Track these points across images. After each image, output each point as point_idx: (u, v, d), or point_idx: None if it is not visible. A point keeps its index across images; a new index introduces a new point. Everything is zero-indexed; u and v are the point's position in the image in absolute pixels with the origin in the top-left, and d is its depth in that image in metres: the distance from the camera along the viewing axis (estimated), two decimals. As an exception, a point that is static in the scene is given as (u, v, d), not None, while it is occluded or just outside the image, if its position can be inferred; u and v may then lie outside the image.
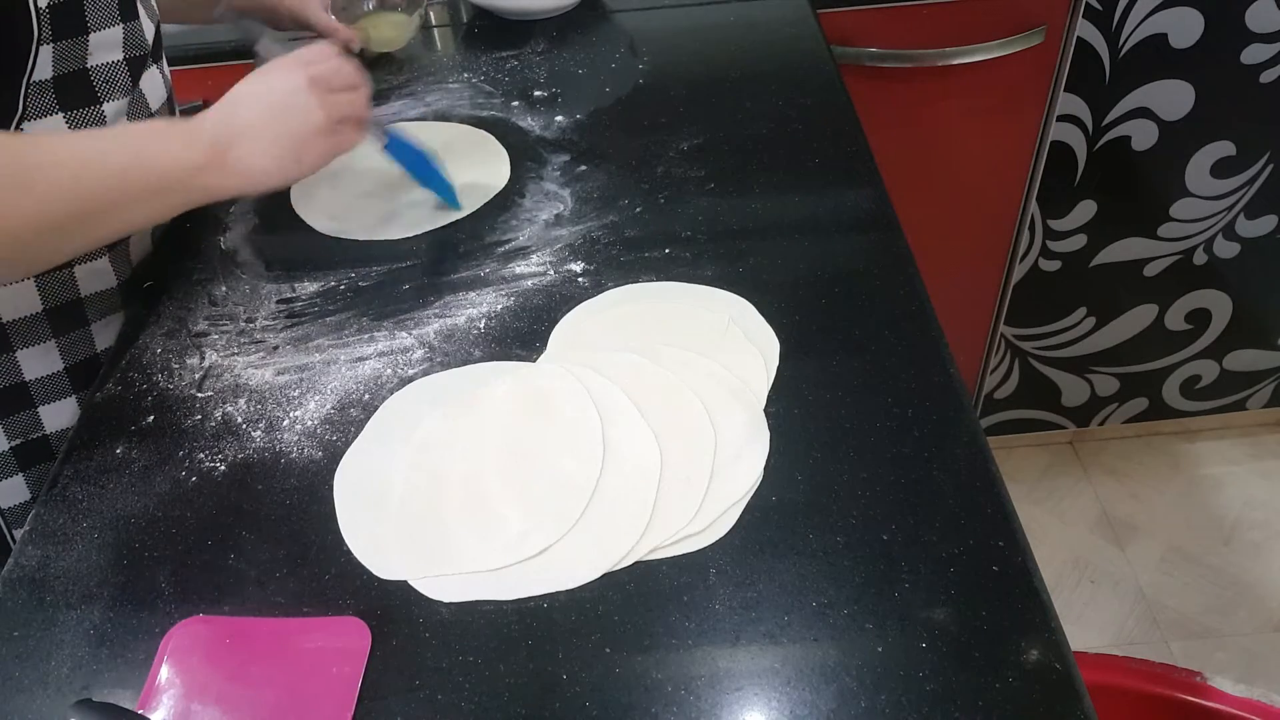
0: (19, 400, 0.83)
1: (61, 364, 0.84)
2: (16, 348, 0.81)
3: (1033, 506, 1.84)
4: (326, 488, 0.68)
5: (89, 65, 0.76)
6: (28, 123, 0.74)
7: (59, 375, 0.84)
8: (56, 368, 0.83)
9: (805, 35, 1.13)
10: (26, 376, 0.82)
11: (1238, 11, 1.31)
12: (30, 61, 0.71)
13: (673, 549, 0.62)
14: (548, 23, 1.20)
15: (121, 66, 0.79)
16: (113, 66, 0.78)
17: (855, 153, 0.93)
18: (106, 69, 0.77)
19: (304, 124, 0.75)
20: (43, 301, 0.81)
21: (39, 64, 0.72)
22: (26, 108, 0.73)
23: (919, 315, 0.76)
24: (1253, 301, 1.64)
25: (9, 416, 0.83)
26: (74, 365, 0.84)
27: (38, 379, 0.83)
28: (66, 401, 0.85)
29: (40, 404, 0.84)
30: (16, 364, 0.81)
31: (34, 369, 0.82)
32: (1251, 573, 1.71)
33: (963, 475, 0.65)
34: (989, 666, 0.55)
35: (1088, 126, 1.41)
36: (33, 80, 0.73)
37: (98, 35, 0.75)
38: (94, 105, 0.78)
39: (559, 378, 0.73)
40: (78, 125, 0.77)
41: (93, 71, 0.77)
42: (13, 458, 0.84)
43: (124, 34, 0.78)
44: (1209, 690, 0.95)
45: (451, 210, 0.91)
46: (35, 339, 0.81)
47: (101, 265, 0.84)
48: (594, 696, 0.55)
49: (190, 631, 0.60)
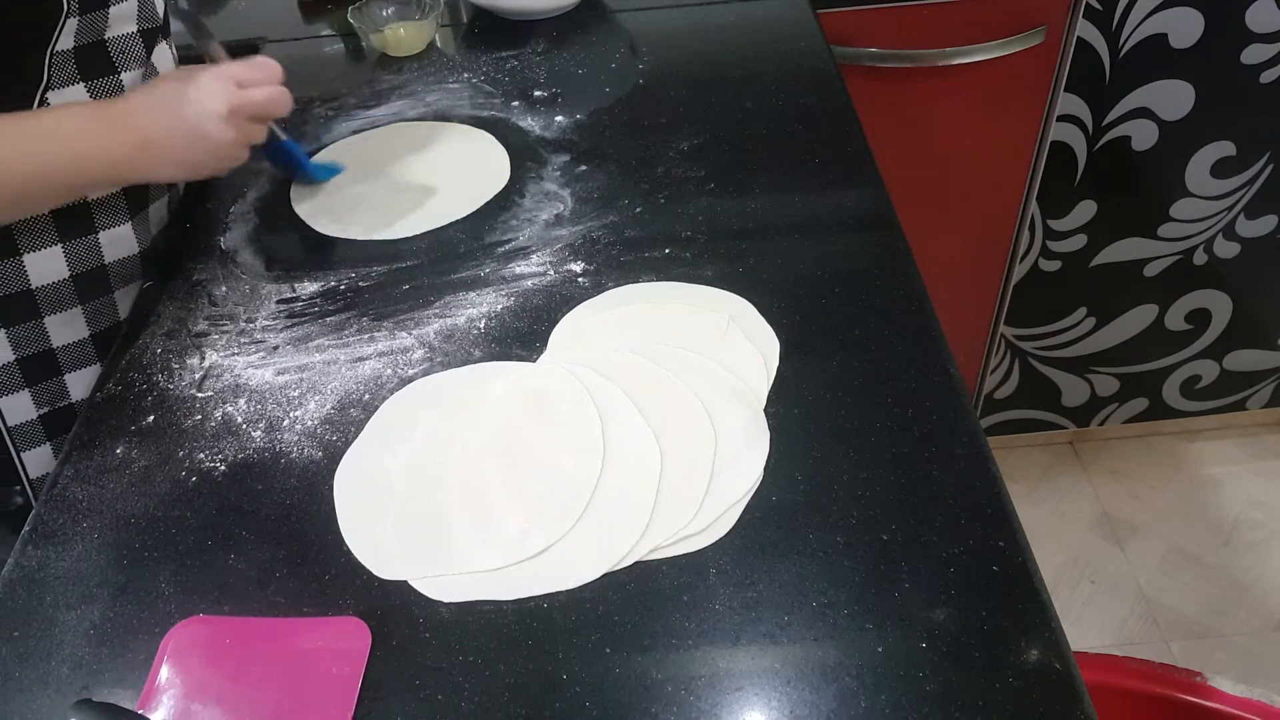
0: (47, 368, 0.86)
1: (88, 331, 0.87)
2: (45, 314, 0.84)
3: (1033, 506, 1.84)
4: (326, 488, 0.68)
5: (107, 37, 0.80)
6: (52, 92, 0.78)
7: (85, 342, 0.87)
8: (83, 334, 0.86)
9: (805, 35, 1.13)
10: (54, 344, 0.85)
11: (1238, 11, 1.30)
12: (56, 33, 0.75)
13: (673, 549, 0.62)
14: (548, 23, 1.20)
15: (136, 38, 0.83)
16: (129, 38, 0.82)
17: (855, 153, 0.93)
18: (123, 40, 0.81)
19: (212, 151, 0.80)
20: (70, 268, 0.84)
21: (63, 35, 0.76)
22: (51, 77, 0.77)
23: (919, 315, 0.76)
24: (1253, 301, 1.64)
25: (37, 384, 0.85)
26: (99, 333, 0.87)
27: (65, 345, 0.86)
28: (92, 369, 0.87)
29: (67, 372, 0.87)
30: (45, 331, 0.84)
31: (61, 336, 0.85)
32: (1251, 573, 1.71)
33: (963, 475, 0.65)
34: (989, 666, 0.55)
35: (1088, 126, 1.41)
36: (56, 50, 0.76)
37: (117, 8, 0.80)
38: (112, 75, 0.82)
39: (559, 378, 0.73)
40: (97, 94, 0.81)
41: (110, 43, 0.81)
42: (41, 426, 0.87)
43: (139, 7, 0.82)
44: (1209, 690, 0.95)
45: (452, 210, 0.91)
46: (63, 305, 0.85)
47: (125, 231, 0.87)
48: (594, 696, 0.55)
49: (190, 631, 0.60)
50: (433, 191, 0.95)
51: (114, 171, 0.79)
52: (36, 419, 0.86)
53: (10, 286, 0.81)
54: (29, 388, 0.85)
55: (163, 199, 0.92)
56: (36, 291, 0.82)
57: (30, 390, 0.85)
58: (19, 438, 0.87)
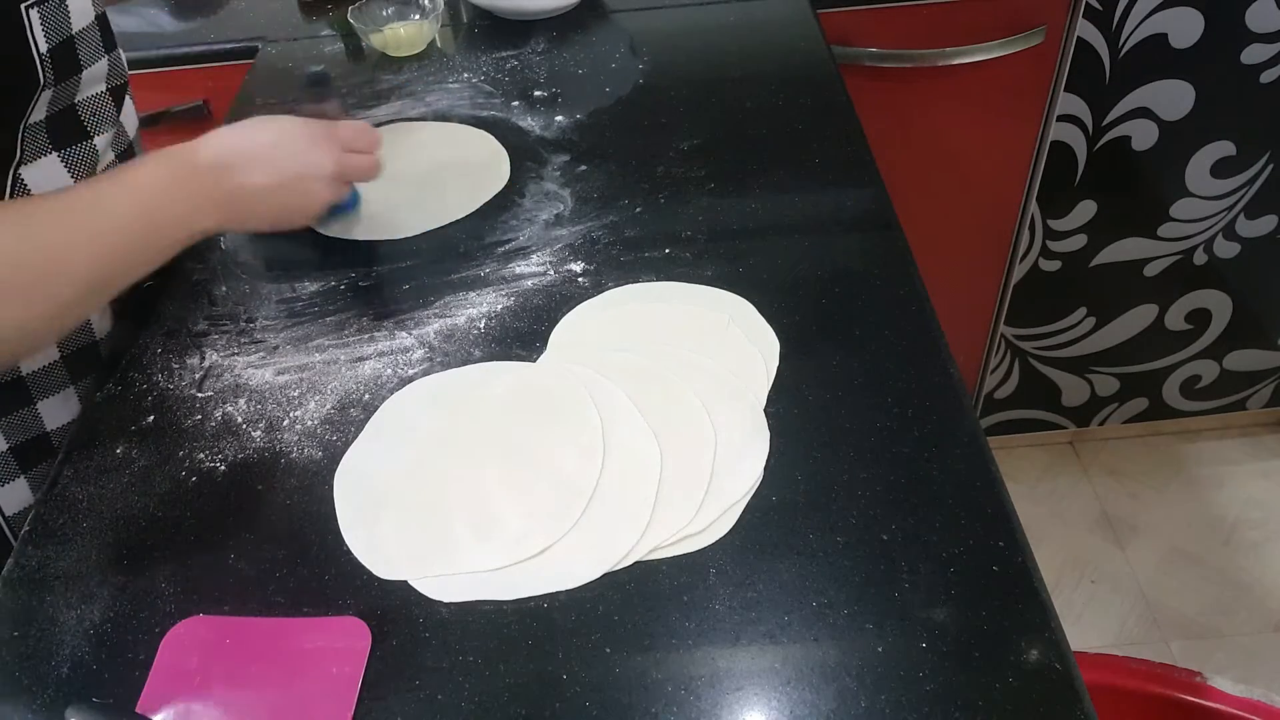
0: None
1: (58, 354, 0.82)
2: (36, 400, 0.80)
3: (1033, 506, 1.84)
4: (326, 488, 0.68)
5: (77, 100, 0.76)
6: (24, 167, 0.74)
7: (56, 365, 0.83)
8: (53, 357, 0.82)
9: (805, 35, 1.13)
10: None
11: (1238, 11, 1.31)
12: (30, 106, 0.71)
13: (673, 549, 0.62)
14: (548, 23, 1.20)
15: (106, 98, 0.79)
16: (98, 99, 0.78)
17: (855, 153, 0.93)
18: (93, 101, 0.78)
19: (304, 209, 0.80)
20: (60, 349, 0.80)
21: (36, 107, 0.72)
22: (24, 151, 0.73)
23: (919, 315, 0.76)
24: (1253, 301, 1.64)
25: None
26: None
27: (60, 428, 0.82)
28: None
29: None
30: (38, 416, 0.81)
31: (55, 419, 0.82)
32: (1251, 573, 1.71)
33: (963, 475, 0.65)
34: (989, 666, 0.55)
35: (1088, 126, 1.41)
36: (29, 123, 0.72)
37: (88, 71, 0.75)
38: (85, 140, 0.78)
39: (559, 378, 0.73)
40: (71, 161, 0.77)
41: (79, 106, 0.77)
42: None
43: (108, 65, 0.78)
44: (1209, 690, 0.95)
45: (452, 210, 0.91)
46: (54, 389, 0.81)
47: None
48: (594, 696, 0.55)
49: (190, 631, 0.60)
50: (433, 191, 0.95)
51: (201, 230, 0.74)
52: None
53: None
54: (24, 474, 0.81)
55: None
56: (27, 378, 0.79)
57: (26, 477, 0.81)
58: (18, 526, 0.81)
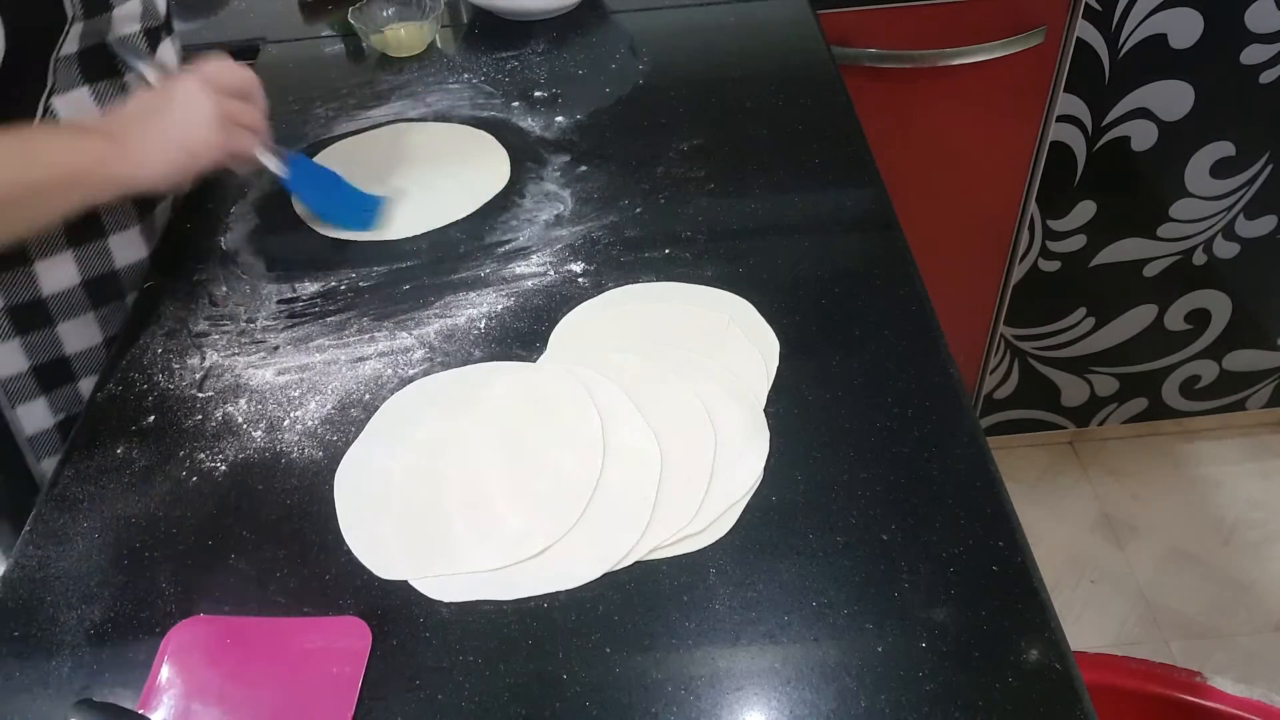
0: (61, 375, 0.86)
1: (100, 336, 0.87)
2: (58, 321, 0.85)
3: (1033, 506, 1.84)
4: (327, 488, 0.68)
5: (110, 39, 0.80)
6: (56, 96, 0.78)
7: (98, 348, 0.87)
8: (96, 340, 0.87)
9: (805, 35, 1.13)
10: (67, 351, 0.86)
11: (1237, 12, 1.31)
12: (61, 39, 0.75)
13: (673, 549, 0.62)
14: (548, 23, 1.20)
15: (140, 38, 0.83)
16: (133, 38, 0.82)
17: (855, 153, 0.93)
18: (126, 40, 0.81)
19: (193, 116, 0.78)
20: (81, 274, 0.84)
21: (67, 40, 0.76)
22: (56, 81, 0.77)
23: (919, 315, 0.76)
24: (1252, 301, 1.64)
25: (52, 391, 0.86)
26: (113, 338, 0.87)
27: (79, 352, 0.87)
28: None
29: (81, 378, 0.87)
30: (58, 338, 0.85)
31: (74, 343, 0.86)
32: (1251, 573, 1.71)
33: (962, 475, 0.65)
34: (989, 666, 0.55)
35: (1087, 127, 1.41)
36: (60, 55, 0.76)
37: (120, 9, 0.79)
38: (116, 77, 0.82)
39: (559, 378, 0.74)
40: (101, 95, 0.81)
41: (113, 44, 0.80)
42: (58, 434, 0.88)
43: (142, 6, 0.82)
44: (1208, 690, 0.95)
45: (452, 210, 0.91)
46: (75, 311, 0.85)
47: (133, 235, 0.87)
48: (594, 696, 0.55)
49: (191, 631, 0.60)
50: (433, 192, 0.95)
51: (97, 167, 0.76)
52: (54, 427, 0.87)
53: (22, 295, 0.81)
54: (45, 395, 0.86)
55: (166, 201, 0.93)
56: (49, 300, 0.83)
57: (46, 397, 0.86)
58: (38, 447, 0.87)
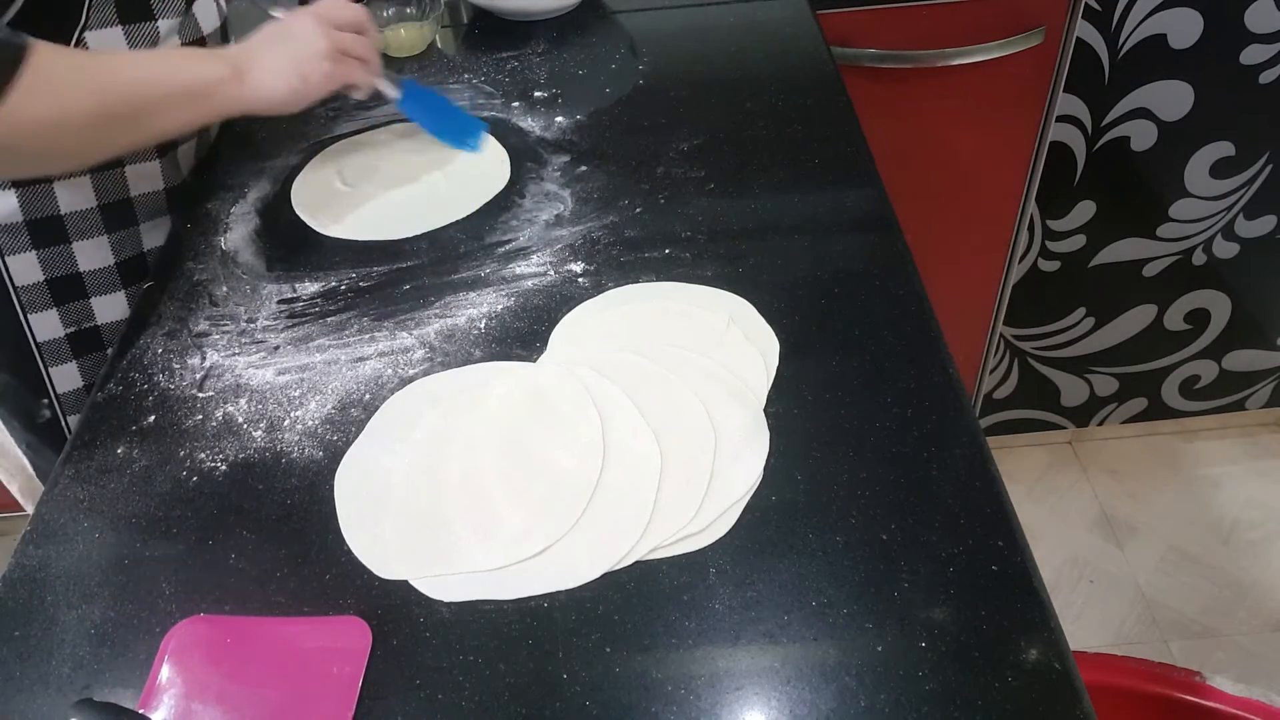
0: (74, 290, 0.91)
1: (113, 258, 0.92)
2: (73, 239, 0.89)
3: (1033, 506, 1.84)
4: (327, 487, 0.68)
5: None
6: (89, 32, 0.82)
7: (110, 269, 0.92)
8: (108, 261, 0.92)
9: (805, 35, 1.13)
10: (81, 268, 0.90)
11: (1237, 12, 1.31)
12: None
13: (673, 549, 0.62)
14: (548, 23, 1.20)
15: None
16: None
17: (855, 153, 0.94)
18: None
19: (307, 48, 0.85)
20: (97, 198, 0.89)
21: None
22: (90, 17, 0.81)
23: (919, 315, 0.76)
24: (1252, 301, 1.64)
25: (65, 305, 0.91)
26: (123, 261, 0.93)
27: (91, 270, 0.91)
28: (117, 295, 0.93)
29: (93, 295, 0.92)
30: (72, 254, 0.90)
31: (88, 261, 0.90)
32: (1250, 573, 1.71)
33: (962, 475, 0.65)
34: (989, 666, 0.55)
35: (1087, 127, 1.42)
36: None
37: None
38: (150, 21, 0.85)
39: (559, 378, 0.74)
40: (134, 38, 0.85)
41: None
42: (68, 344, 0.93)
43: None
44: (1208, 690, 0.95)
45: (452, 210, 0.91)
46: (89, 233, 0.90)
47: (152, 168, 0.93)
48: (594, 696, 0.55)
49: (191, 631, 0.60)
50: (433, 191, 0.95)
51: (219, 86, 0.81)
52: (64, 337, 0.92)
53: (41, 211, 0.86)
54: (57, 307, 0.90)
55: (191, 143, 0.98)
56: (65, 217, 0.88)
57: (59, 310, 0.90)
58: (48, 354, 0.92)
